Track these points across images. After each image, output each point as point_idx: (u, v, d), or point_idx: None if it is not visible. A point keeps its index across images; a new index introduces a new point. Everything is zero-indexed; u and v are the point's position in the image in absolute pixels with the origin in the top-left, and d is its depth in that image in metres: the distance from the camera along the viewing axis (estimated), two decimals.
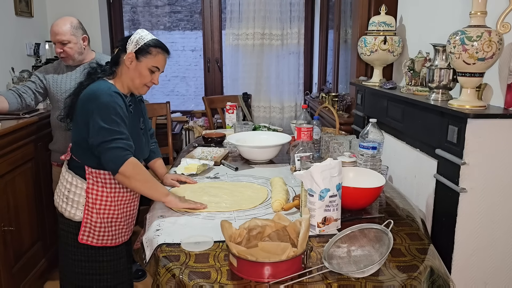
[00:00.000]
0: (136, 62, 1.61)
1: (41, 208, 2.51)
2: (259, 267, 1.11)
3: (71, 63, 2.27)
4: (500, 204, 1.51)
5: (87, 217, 1.61)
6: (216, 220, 1.49)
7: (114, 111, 1.52)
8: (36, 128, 2.43)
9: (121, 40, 1.66)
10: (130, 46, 1.61)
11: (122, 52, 1.63)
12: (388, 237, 1.22)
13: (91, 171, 1.60)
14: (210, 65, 4.40)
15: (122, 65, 1.63)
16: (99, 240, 1.64)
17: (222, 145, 2.55)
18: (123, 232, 1.70)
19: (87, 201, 1.60)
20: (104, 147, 1.50)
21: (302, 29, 4.19)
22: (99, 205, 1.61)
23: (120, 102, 1.56)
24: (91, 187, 1.60)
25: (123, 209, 1.67)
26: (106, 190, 1.62)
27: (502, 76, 1.54)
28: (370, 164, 1.81)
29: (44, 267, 2.54)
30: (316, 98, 3.72)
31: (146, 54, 1.61)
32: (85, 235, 1.62)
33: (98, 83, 1.60)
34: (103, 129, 1.49)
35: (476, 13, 1.46)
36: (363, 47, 2.31)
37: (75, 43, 2.22)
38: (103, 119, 1.50)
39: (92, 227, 1.62)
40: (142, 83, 1.64)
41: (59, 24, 2.21)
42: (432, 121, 1.67)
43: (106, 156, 1.50)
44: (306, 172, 1.38)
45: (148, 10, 4.74)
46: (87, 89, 1.59)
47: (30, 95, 2.29)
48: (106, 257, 1.67)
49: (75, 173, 1.62)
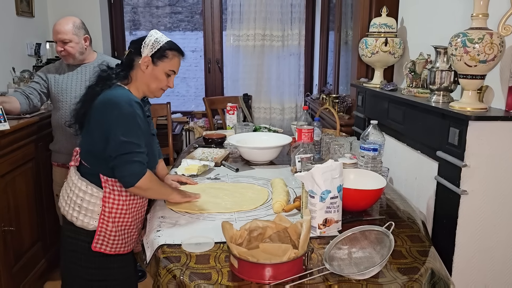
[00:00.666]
0: (153, 66, 1.56)
1: (41, 208, 2.51)
2: (260, 269, 1.11)
3: (71, 61, 2.26)
4: (501, 206, 1.51)
5: (102, 225, 1.54)
6: (217, 221, 1.49)
7: (134, 122, 1.47)
8: (36, 128, 2.43)
9: (134, 43, 1.59)
10: (145, 49, 1.55)
11: (136, 56, 1.57)
12: (389, 239, 1.21)
13: (107, 179, 1.53)
14: (210, 66, 4.40)
15: (136, 69, 1.57)
16: (112, 248, 1.57)
17: (223, 146, 2.55)
18: (133, 239, 1.65)
19: (103, 210, 1.53)
20: (122, 160, 1.45)
21: (302, 30, 4.19)
22: (115, 214, 1.55)
23: (139, 112, 1.50)
24: (107, 196, 1.53)
25: (135, 215, 1.62)
26: (122, 198, 1.56)
27: (503, 78, 1.54)
28: (371, 165, 1.81)
29: (44, 267, 2.54)
30: (316, 100, 3.73)
31: (163, 58, 1.57)
32: (99, 243, 1.55)
33: (115, 90, 1.53)
34: (123, 142, 1.45)
35: (477, 15, 1.46)
36: (364, 49, 2.31)
37: (76, 43, 2.21)
38: (123, 131, 1.45)
39: (107, 235, 1.55)
40: (159, 87, 1.60)
41: (62, 23, 2.21)
42: (433, 123, 1.67)
43: (124, 170, 1.46)
44: (307, 173, 1.38)
45: (149, 11, 4.74)
46: (103, 96, 1.52)
47: (36, 96, 2.29)
48: (117, 263, 1.61)
49: (90, 181, 1.54)
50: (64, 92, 2.26)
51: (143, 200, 1.64)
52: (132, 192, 1.55)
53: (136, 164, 1.47)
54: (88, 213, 1.54)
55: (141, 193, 1.56)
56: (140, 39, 1.59)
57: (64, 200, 1.61)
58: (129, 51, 1.59)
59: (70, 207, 1.57)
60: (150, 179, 1.52)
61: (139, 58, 1.56)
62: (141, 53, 1.55)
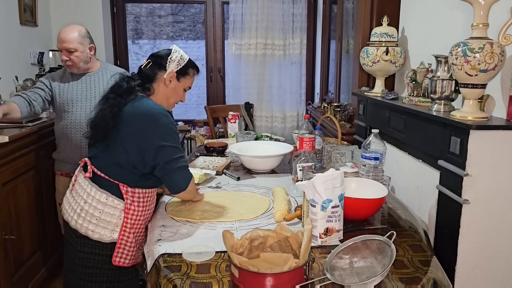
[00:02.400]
0: (176, 82, 1.65)
1: (42, 217, 2.51)
2: (261, 278, 1.10)
3: (75, 71, 2.27)
4: (503, 215, 1.50)
5: (123, 237, 1.54)
6: (217, 230, 1.49)
7: (173, 130, 1.55)
8: (38, 137, 2.44)
9: (158, 57, 1.63)
10: (171, 65, 1.61)
11: (160, 70, 1.62)
12: (391, 249, 1.21)
13: (127, 190, 1.55)
14: (212, 75, 4.42)
15: (158, 82, 1.63)
16: (131, 260, 1.58)
17: (224, 154, 2.55)
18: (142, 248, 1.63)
19: (125, 222, 1.54)
20: (173, 166, 1.51)
21: (304, 39, 4.21)
22: (135, 224, 1.57)
23: (173, 120, 1.58)
24: (128, 207, 1.55)
25: (147, 224, 1.63)
26: (140, 208, 1.58)
27: (504, 88, 1.54)
28: (372, 174, 1.80)
29: (44, 276, 2.53)
30: (318, 108, 3.73)
31: (185, 75, 1.66)
32: (118, 256, 1.55)
33: (145, 102, 1.57)
34: (168, 148, 1.51)
35: (478, 25, 1.46)
36: (365, 58, 2.32)
37: (81, 52, 2.21)
38: (167, 139, 1.51)
39: (127, 247, 1.56)
40: (176, 101, 1.70)
41: (67, 31, 2.20)
42: (434, 132, 1.67)
43: (176, 175, 1.53)
44: (308, 182, 1.38)
45: (152, 20, 4.77)
46: (133, 108, 1.54)
47: (40, 103, 2.26)
48: (128, 275, 1.62)
49: (111, 193, 1.54)
50: (69, 102, 2.26)
51: (153, 208, 1.67)
52: (179, 197, 1.65)
53: (185, 168, 1.56)
54: (108, 225, 1.54)
55: (186, 196, 1.65)
56: (164, 53, 1.64)
57: (77, 213, 1.57)
58: (149, 63, 1.63)
59: (85, 220, 1.55)
60: (192, 182, 1.60)
61: (163, 72, 1.62)
62: (166, 68, 1.61)
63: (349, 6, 3.17)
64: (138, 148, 1.51)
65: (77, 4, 3.78)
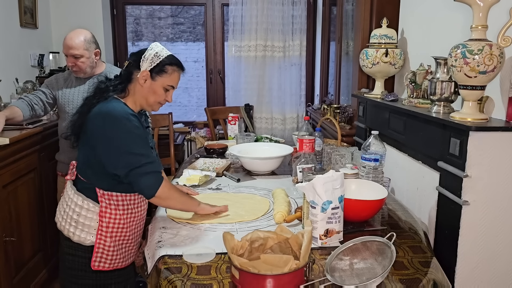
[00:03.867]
0: (151, 81, 1.53)
1: (43, 219, 2.51)
2: (261, 280, 1.10)
3: (81, 76, 2.27)
4: (503, 216, 1.50)
5: (100, 241, 1.51)
6: (218, 232, 1.49)
7: (136, 134, 1.46)
8: (40, 138, 2.44)
9: (134, 55, 1.56)
10: (144, 63, 1.51)
11: (135, 69, 1.53)
12: (391, 250, 1.21)
13: (103, 193, 1.51)
14: (212, 76, 4.43)
15: (135, 82, 1.54)
16: (111, 264, 1.55)
17: (224, 156, 2.55)
18: (132, 253, 1.63)
19: (100, 225, 1.51)
20: (136, 174, 1.44)
21: (304, 41, 4.21)
22: (112, 228, 1.52)
23: (138, 124, 1.49)
24: (104, 210, 1.51)
25: (134, 230, 1.59)
26: (119, 212, 1.53)
27: (503, 89, 1.55)
28: (372, 176, 1.81)
29: (44, 278, 2.53)
30: (317, 110, 3.74)
31: (162, 73, 1.53)
32: (97, 261, 1.52)
33: (112, 104, 1.50)
34: (130, 156, 1.43)
35: (477, 26, 1.47)
36: (364, 60, 2.33)
37: (87, 58, 2.20)
38: (128, 144, 1.44)
39: (105, 251, 1.52)
40: (156, 101, 1.57)
41: (73, 37, 2.18)
42: (434, 134, 1.67)
43: (140, 184, 1.45)
44: (308, 184, 1.38)
45: (151, 22, 4.78)
46: (98, 108, 1.49)
47: (41, 107, 2.29)
48: (115, 279, 1.58)
49: (86, 196, 1.52)
50: (70, 103, 2.27)
51: (141, 214, 1.61)
52: (155, 203, 1.54)
53: (150, 175, 1.45)
54: (85, 228, 1.52)
55: (163, 203, 1.55)
56: (140, 52, 1.56)
57: (61, 215, 1.58)
58: (128, 64, 1.57)
59: (66, 222, 1.55)
60: (168, 187, 1.50)
61: (138, 71, 1.53)
62: (140, 67, 1.52)
63: (349, 8, 3.17)
64: (104, 150, 1.46)
65: (77, 6, 3.78)
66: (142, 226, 1.65)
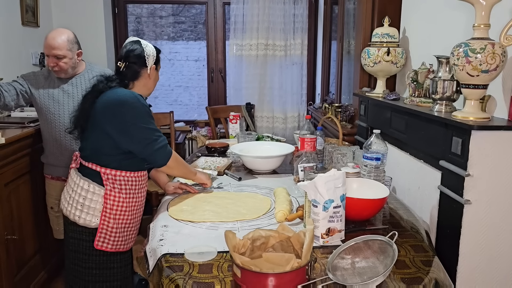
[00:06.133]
0: (155, 72, 1.80)
1: (44, 217, 2.51)
2: (263, 278, 1.10)
3: (63, 76, 2.18)
4: (505, 216, 1.50)
5: (104, 223, 1.64)
6: (219, 230, 1.49)
7: (147, 112, 1.64)
8: (40, 137, 2.43)
9: (135, 57, 1.71)
10: (149, 61, 1.73)
11: (142, 67, 1.73)
12: (393, 249, 1.21)
13: (108, 177, 1.64)
14: (213, 75, 4.42)
15: (142, 78, 1.74)
16: (113, 245, 1.68)
17: (226, 155, 2.55)
18: (132, 237, 1.76)
19: (104, 207, 1.64)
20: (153, 147, 1.63)
21: (305, 40, 4.21)
22: (115, 211, 1.66)
23: (146, 103, 1.67)
24: (108, 193, 1.65)
25: (135, 213, 1.73)
26: (122, 195, 1.67)
27: (505, 88, 1.55)
28: (373, 175, 1.81)
29: (46, 276, 2.54)
30: (319, 109, 3.73)
31: (159, 62, 1.81)
32: (101, 241, 1.65)
33: (120, 90, 1.66)
34: (146, 131, 1.62)
35: (479, 25, 1.47)
36: (366, 58, 2.32)
37: (70, 58, 2.13)
38: (143, 121, 1.62)
39: (108, 232, 1.66)
40: (155, 85, 1.85)
41: (56, 37, 2.10)
42: (435, 133, 1.67)
43: (156, 155, 1.65)
44: (310, 182, 1.38)
45: (153, 21, 4.77)
46: (107, 97, 1.64)
47: (12, 95, 2.14)
48: (117, 263, 1.71)
49: (92, 180, 1.65)
50: (56, 104, 2.19)
51: (141, 199, 1.75)
52: (164, 171, 1.83)
53: (164, 147, 1.66)
54: (91, 211, 1.64)
55: (168, 171, 1.78)
56: (132, 51, 1.72)
57: (67, 201, 1.70)
58: (127, 64, 1.71)
59: (72, 207, 1.66)
60: (175, 158, 1.73)
61: (145, 68, 1.74)
62: (147, 64, 1.73)
63: (350, 6, 3.17)
64: (118, 129, 1.61)
65: (78, 5, 3.78)
66: (141, 212, 1.78)
